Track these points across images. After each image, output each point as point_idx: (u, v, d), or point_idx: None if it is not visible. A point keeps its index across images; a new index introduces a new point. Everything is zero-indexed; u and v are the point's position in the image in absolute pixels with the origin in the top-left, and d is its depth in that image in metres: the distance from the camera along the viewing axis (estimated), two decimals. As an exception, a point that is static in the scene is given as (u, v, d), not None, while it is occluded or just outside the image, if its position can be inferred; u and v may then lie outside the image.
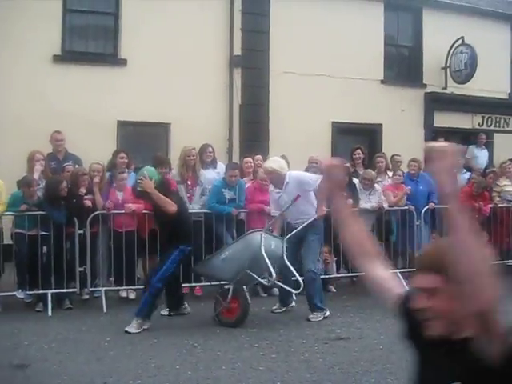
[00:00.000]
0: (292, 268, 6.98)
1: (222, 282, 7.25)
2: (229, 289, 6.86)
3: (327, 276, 9.10)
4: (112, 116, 11.37)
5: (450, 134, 14.21)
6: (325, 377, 5.20)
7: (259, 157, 9.48)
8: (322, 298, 7.42)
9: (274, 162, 7.51)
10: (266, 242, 6.75)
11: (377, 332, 6.73)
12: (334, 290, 9.09)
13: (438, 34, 14.11)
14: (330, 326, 6.97)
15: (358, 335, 6.61)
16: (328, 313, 7.33)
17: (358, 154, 10.23)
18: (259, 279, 6.96)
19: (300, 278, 6.96)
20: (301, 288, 6.95)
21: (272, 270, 6.70)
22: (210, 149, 9.13)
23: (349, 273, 9.34)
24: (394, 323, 6.36)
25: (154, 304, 6.76)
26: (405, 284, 8.48)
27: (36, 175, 8.02)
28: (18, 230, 7.84)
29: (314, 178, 7.28)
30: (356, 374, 5.28)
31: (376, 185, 9.42)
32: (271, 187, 7.61)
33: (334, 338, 6.49)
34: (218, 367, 5.45)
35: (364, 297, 8.56)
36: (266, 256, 6.64)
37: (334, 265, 9.18)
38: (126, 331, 6.44)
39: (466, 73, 13.84)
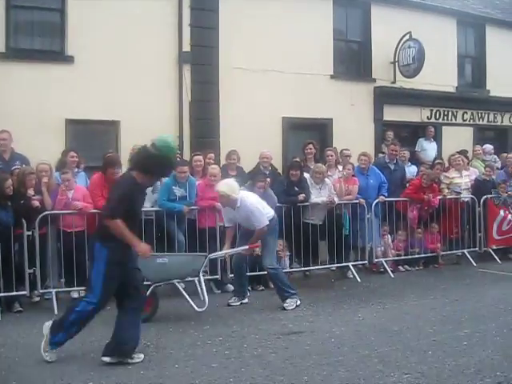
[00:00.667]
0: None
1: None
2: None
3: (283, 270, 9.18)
4: (60, 114, 11.14)
5: (399, 127, 14.48)
6: (277, 371, 5.22)
7: (212, 155, 9.47)
8: (289, 285, 7.85)
9: (226, 185, 7.47)
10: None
11: (329, 325, 6.81)
12: (288, 285, 9.15)
13: (386, 29, 14.26)
14: (283, 321, 7.02)
15: (310, 329, 6.66)
16: (299, 301, 7.73)
17: (310, 148, 10.33)
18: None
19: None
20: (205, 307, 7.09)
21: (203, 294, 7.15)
22: None
23: (301, 267, 9.44)
24: (345, 315, 6.55)
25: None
26: (357, 277, 8.74)
27: None
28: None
29: (263, 220, 7.39)
30: (308, 367, 5.32)
31: (326, 179, 9.52)
32: None
33: (286, 332, 6.54)
34: (171, 365, 5.43)
35: (316, 291, 8.73)
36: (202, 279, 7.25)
37: (287, 259, 9.26)
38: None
39: (414, 67, 14.01)
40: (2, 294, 7.67)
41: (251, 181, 9.02)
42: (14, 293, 7.72)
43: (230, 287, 8.57)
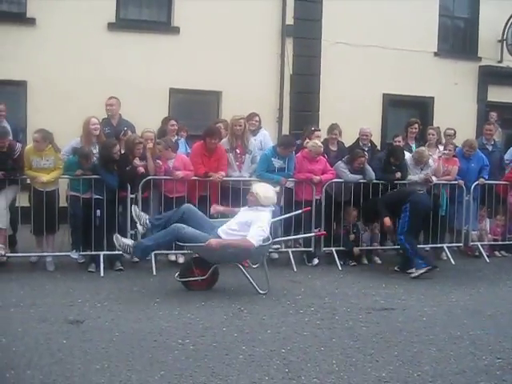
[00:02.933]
0: None
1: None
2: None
3: (372, 247, 9.17)
4: (164, 84, 11.53)
5: (503, 108, 13.95)
6: (368, 345, 5.27)
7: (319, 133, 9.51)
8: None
9: (263, 187, 7.26)
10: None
11: (420, 304, 6.77)
12: (379, 262, 9.15)
13: (496, 6, 13.76)
14: (375, 297, 7.03)
15: (401, 306, 6.65)
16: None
17: (415, 128, 10.13)
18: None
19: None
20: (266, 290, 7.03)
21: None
22: (257, 118, 9.23)
23: (394, 245, 9.37)
24: (437, 296, 6.48)
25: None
26: (451, 259, 8.59)
27: (93, 139, 8.23)
28: (72, 193, 8.09)
29: (256, 238, 6.77)
30: (399, 343, 5.34)
31: (430, 160, 9.32)
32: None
33: (378, 308, 6.55)
34: (264, 331, 5.58)
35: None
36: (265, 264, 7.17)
37: (379, 233, 9.23)
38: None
39: (523, 46, 13.49)
40: (105, 253, 8.08)
41: (349, 155, 9.02)
42: (117, 252, 8.09)
43: (316, 261, 8.68)
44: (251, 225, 6.78)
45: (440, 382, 4.46)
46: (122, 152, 8.12)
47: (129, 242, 6.91)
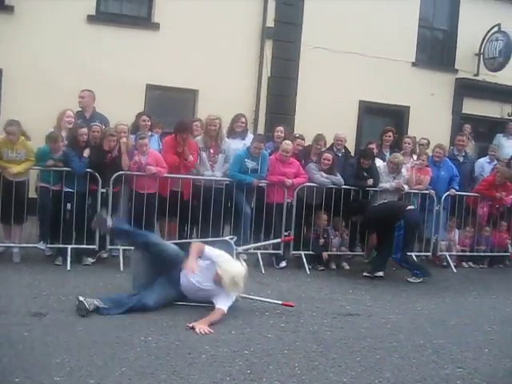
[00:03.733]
0: None
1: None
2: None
3: (341, 253, 9.21)
4: (141, 79, 11.48)
5: (478, 121, 14.17)
6: (331, 349, 5.28)
7: (281, 128, 9.47)
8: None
9: (230, 274, 6.06)
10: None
11: (386, 311, 6.80)
12: (348, 267, 9.18)
13: (475, 20, 13.96)
14: (341, 302, 7.05)
15: (367, 313, 6.67)
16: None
17: (389, 136, 10.19)
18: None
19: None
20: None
21: None
22: (243, 119, 9.25)
23: (363, 251, 9.43)
24: (403, 304, 6.52)
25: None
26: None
27: (63, 132, 8.18)
28: (42, 184, 8.00)
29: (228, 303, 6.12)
30: (362, 349, 5.36)
31: (403, 169, 9.40)
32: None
33: (343, 313, 6.57)
34: (228, 331, 5.57)
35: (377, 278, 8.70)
36: None
37: (347, 239, 9.28)
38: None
39: (500, 61, 13.69)
40: (73, 246, 8.00)
41: (318, 157, 9.06)
42: (84, 246, 8.05)
43: (283, 263, 8.72)
44: (217, 296, 6.11)
45: (400, 389, 4.49)
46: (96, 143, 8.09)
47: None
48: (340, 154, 9.65)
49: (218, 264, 6.07)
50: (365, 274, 8.61)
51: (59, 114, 8.30)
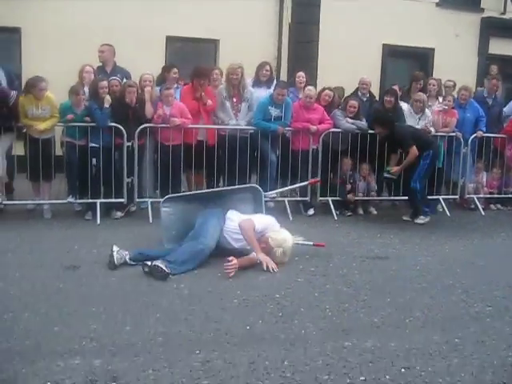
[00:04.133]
0: None
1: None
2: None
3: (368, 198, 9.19)
4: (161, 31, 11.38)
5: (504, 61, 13.81)
6: (361, 291, 5.33)
7: (301, 73, 9.34)
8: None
9: (280, 236, 6.17)
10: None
11: (415, 253, 6.83)
12: (375, 212, 9.18)
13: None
14: (369, 246, 7.08)
15: (396, 255, 6.70)
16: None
17: (420, 84, 9.91)
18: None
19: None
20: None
21: None
22: (268, 67, 9.14)
23: (390, 196, 9.40)
24: (432, 246, 6.53)
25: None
26: (447, 211, 8.64)
27: (85, 87, 8.19)
28: (68, 139, 8.07)
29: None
30: (392, 290, 5.39)
31: (427, 110, 9.27)
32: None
33: (372, 256, 6.61)
34: (258, 277, 5.64)
35: (404, 220, 8.69)
36: None
37: (375, 184, 9.23)
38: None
39: (528, -2, 13.28)
40: (102, 200, 8.11)
41: (343, 103, 8.99)
42: (113, 200, 8.15)
43: (311, 211, 8.74)
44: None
45: (431, 327, 4.52)
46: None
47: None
48: (365, 99, 9.54)
49: (270, 236, 6.05)
50: (404, 218, 8.77)
51: (79, 71, 8.34)
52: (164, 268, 5.47)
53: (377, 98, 10.33)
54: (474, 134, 9.57)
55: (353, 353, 3.98)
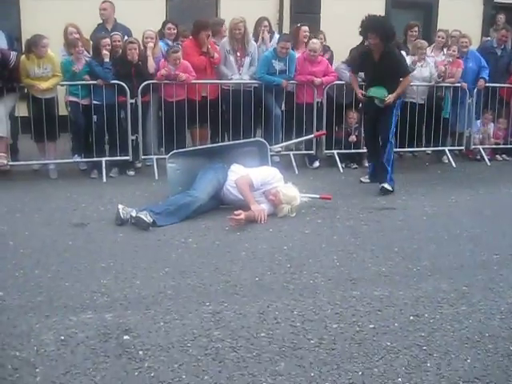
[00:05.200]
0: None
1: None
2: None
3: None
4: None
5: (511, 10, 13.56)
6: (368, 241, 5.36)
7: (306, 28, 9.19)
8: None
9: (291, 193, 6.23)
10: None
11: (421, 204, 6.84)
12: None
13: None
14: (375, 197, 7.10)
15: (402, 206, 6.72)
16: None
17: (415, 31, 9.82)
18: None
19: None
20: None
21: None
22: (266, 22, 8.99)
23: (396, 148, 9.35)
24: (438, 197, 6.53)
25: None
26: (452, 162, 8.56)
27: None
28: (71, 99, 8.02)
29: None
30: (399, 240, 5.42)
31: (428, 58, 9.17)
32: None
33: (378, 207, 6.63)
34: (266, 229, 5.67)
35: (410, 172, 8.70)
36: None
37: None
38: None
39: None
40: (107, 158, 8.10)
41: (348, 56, 8.91)
42: (118, 157, 8.14)
43: (317, 163, 8.71)
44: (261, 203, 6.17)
45: (439, 275, 4.55)
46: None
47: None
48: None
49: (281, 191, 6.12)
50: (363, 180, 7.88)
51: (63, 31, 8.24)
52: (145, 219, 5.58)
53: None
54: (479, 83, 9.43)
55: (361, 302, 4.02)
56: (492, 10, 13.46)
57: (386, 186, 7.22)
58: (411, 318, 3.80)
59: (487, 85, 9.48)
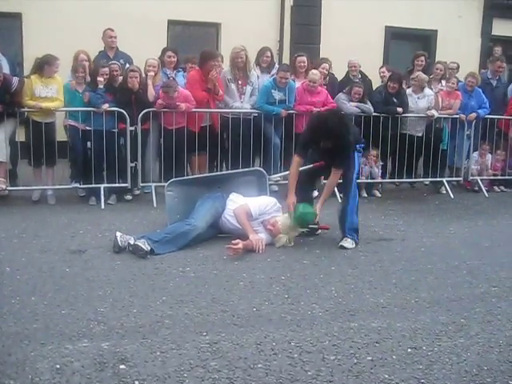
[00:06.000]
0: None
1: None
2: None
3: (372, 180, 9.19)
4: (162, 15, 11.31)
5: (508, 43, 13.71)
6: (367, 273, 5.35)
7: (303, 58, 9.21)
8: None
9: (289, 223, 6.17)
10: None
11: (419, 235, 6.84)
12: (379, 195, 9.19)
13: None
14: (374, 228, 7.10)
15: (400, 237, 6.72)
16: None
17: (422, 61, 9.94)
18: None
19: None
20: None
21: None
22: (269, 53, 9.08)
23: (394, 179, 9.41)
24: (436, 228, 6.53)
25: None
26: (450, 193, 8.55)
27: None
28: (71, 123, 8.08)
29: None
30: (397, 271, 5.42)
31: (427, 89, 9.27)
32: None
33: (376, 238, 6.63)
34: (264, 259, 5.67)
35: (408, 203, 8.72)
36: None
37: (380, 169, 9.20)
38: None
39: (531, -22, 13.15)
40: (106, 185, 8.11)
41: (348, 87, 8.98)
42: (117, 184, 8.16)
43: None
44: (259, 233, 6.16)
45: (437, 307, 4.54)
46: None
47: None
48: (357, 80, 9.60)
49: (280, 221, 6.15)
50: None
51: (73, 57, 8.32)
52: (143, 247, 5.58)
53: (369, 78, 10.29)
54: (470, 116, 9.48)
55: (359, 333, 3.99)
56: (489, 43, 13.61)
57: (345, 243, 6.22)
58: (409, 350, 3.77)
59: (485, 116, 9.55)
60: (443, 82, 9.82)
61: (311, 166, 6.93)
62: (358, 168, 6.65)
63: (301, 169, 6.60)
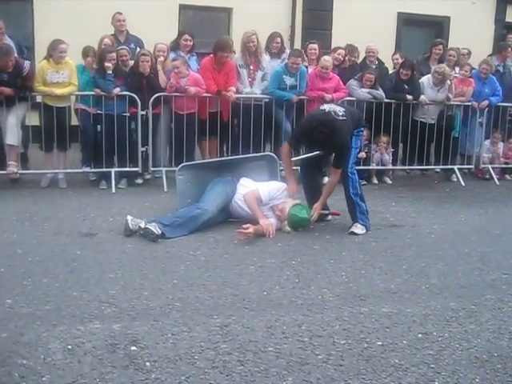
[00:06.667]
0: None
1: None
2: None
3: (383, 167, 9.16)
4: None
5: (522, 30, 13.60)
6: (377, 258, 5.35)
7: (315, 46, 9.17)
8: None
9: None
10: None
11: (430, 222, 6.82)
12: (390, 182, 9.17)
13: None
14: (384, 214, 7.09)
15: (411, 223, 6.70)
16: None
17: (439, 49, 9.83)
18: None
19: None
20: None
21: None
22: (279, 39, 8.99)
23: (405, 166, 9.39)
24: (447, 215, 6.51)
25: None
26: (461, 181, 8.52)
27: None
28: (82, 107, 8.07)
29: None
30: (407, 257, 5.41)
31: (448, 81, 9.18)
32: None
33: (387, 224, 6.62)
34: (274, 244, 5.67)
35: (419, 190, 8.70)
36: None
37: (390, 156, 9.17)
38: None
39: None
40: (116, 169, 8.14)
41: (360, 74, 8.94)
42: (128, 169, 8.18)
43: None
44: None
45: (447, 294, 4.53)
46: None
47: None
48: (374, 66, 9.58)
49: (289, 207, 6.12)
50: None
51: (98, 42, 8.28)
52: (154, 230, 5.59)
53: (386, 64, 10.22)
54: (482, 103, 9.42)
55: (370, 318, 3.99)
56: (503, 30, 13.48)
57: (355, 229, 6.21)
58: (419, 335, 3.77)
59: (498, 104, 9.49)
60: (456, 69, 9.73)
61: (309, 154, 6.61)
62: (356, 153, 6.40)
63: (301, 157, 6.64)
